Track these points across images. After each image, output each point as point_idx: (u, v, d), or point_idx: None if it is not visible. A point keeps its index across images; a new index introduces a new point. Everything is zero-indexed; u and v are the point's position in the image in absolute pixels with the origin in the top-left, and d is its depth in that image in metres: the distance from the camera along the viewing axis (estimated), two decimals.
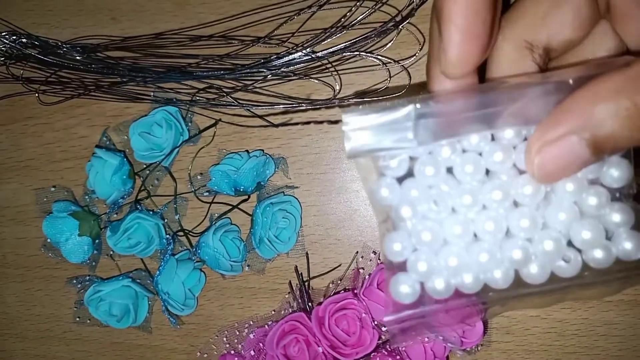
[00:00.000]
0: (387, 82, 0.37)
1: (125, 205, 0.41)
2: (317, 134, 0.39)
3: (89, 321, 0.42)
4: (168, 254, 0.39)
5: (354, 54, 0.37)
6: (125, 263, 0.42)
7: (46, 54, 0.40)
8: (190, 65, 0.39)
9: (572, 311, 0.38)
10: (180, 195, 0.41)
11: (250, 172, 0.38)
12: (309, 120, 0.39)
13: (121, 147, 0.41)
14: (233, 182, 0.38)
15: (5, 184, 0.43)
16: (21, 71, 0.41)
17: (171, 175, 0.41)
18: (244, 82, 0.39)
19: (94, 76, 0.40)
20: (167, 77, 0.39)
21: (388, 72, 0.37)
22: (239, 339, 0.40)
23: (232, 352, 0.40)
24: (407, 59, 0.37)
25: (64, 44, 0.40)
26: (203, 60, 0.39)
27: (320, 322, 0.36)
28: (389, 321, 0.24)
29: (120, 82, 0.40)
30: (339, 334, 0.36)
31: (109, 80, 0.40)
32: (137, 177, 0.41)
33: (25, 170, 0.43)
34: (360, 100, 0.38)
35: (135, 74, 0.39)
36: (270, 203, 0.38)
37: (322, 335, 0.36)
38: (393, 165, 0.23)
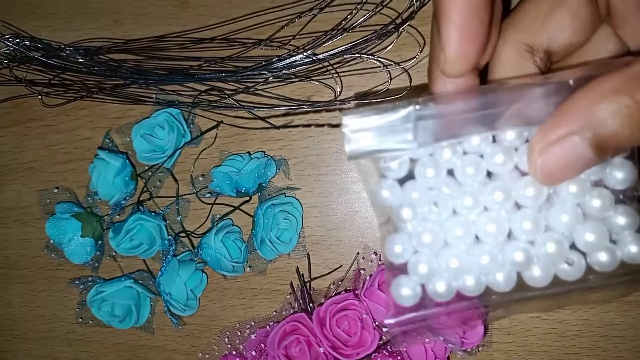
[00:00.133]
0: (388, 84, 0.38)
1: (128, 207, 0.41)
2: (318, 136, 0.39)
3: (91, 322, 0.42)
4: (170, 255, 0.39)
5: (354, 56, 0.37)
6: (127, 264, 0.42)
7: (49, 57, 0.40)
8: (192, 68, 0.39)
9: (573, 312, 0.38)
10: (182, 197, 0.41)
11: (252, 174, 0.38)
12: (310, 123, 0.39)
13: (124, 148, 0.41)
14: (235, 184, 0.38)
15: (9, 185, 0.44)
16: (24, 74, 0.41)
17: (173, 177, 0.41)
18: (245, 84, 0.39)
19: (96, 78, 0.41)
20: (169, 80, 0.39)
21: (389, 74, 0.38)
22: (240, 339, 0.40)
23: (234, 352, 0.40)
24: (407, 61, 0.37)
25: (67, 47, 0.40)
26: (205, 63, 0.39)
27: (321, 323, 0.37)
28: (390, 324, 0.23)
29: (122, 85, 0.40)
30: (340, 335, 0.36)
31: (112, 82, 0.40)
32: (139, 179, 0.41)
33: (28, 172, 0.43)
34: (361, 102, 0.38)
35: (137, 76, 0.39)
36: (271, 204, 0.38)
37: (323, 336, 0.36)
38: (394, 166, 0.23)
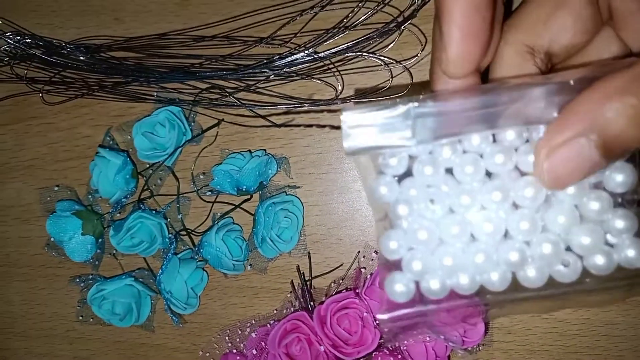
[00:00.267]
0: (389, 83, 0.38)
1: (129, 205, 0.41)
2: (319, 134, 0.39)
3: (92, 320, 0.42)
4: (171, 253, 0.39)
5: (356, 54, 0.37)
6: (128, 262, 0.42)
7: (50, 54, 0.40)
8: (193, 66, 0.39)
9: (574, 311, 0.38)
10: (183, 195, 0.41)
11: (253, 172, 0.38)
12: (312, 124, 0.39)
13: (124, 146, 0.41)
14: (235, 182, 0.38)
15: (10, 183, 0.44)
16: (25, 71, 0.41)
17: (174, 175, 0.41)
18: (246, 82, 0.39)
19: (97, 76, 0.41)
20: (170, 77, 0.39)
21: (390, 73, 0.37)
22: (241, 338, 0.40)
23: (235, 351, 0.40)
24: (409, 60, 0.37)
25: (68, 44, 0.40)
26: (206, 61, 0.39)
27: (322, 321, 0.37)
28: (383, 319, 0.23)
29: (123, 82, 0.40)
30: (341, 333, 0.36)
31: (113, 80, 0.40)
32: (140, 177, 0.41)
33: (29, 170, 0.43)
34: (362, 100, 0.38)
35: (138, 74, 0.39)
36: (272, 203, 0.38)
37: (323, 335, 0.36)
38: (392, 163, 0.23)
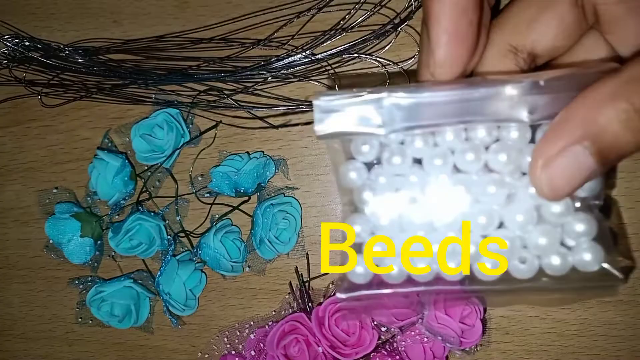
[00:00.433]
0: (386, 84, 0.38)
1: (127, 207, 0.41)
2: None
3: (91, 322, 0.42)
4: (169, 255, 0.40)
5: (353, 56, 0.37)
6: (126, 264, 0.42)
7: (49, 57, 0.40)
8: (191, 68, 0.39)
9: (572, 311, 0.38)
10: (182, 197, 0.41)
11: (251, 174, 0.38)
12: (309, 121, 0.39)
13: (123, 149, 0.41)
14: (234, 184, 0.38)
15: (9, 185, 0.44)
16: (24, 74, 0.42)
17: (172, 177, 0.41)
18: (244, 84, 0.39)
19: (96, 79, 0.41)
20: (168, 80, 0.39)
21: (387, 74, 0.38)
22: (239, 339, 0.40)
23: (233, 352, 0.40)
24: (406, 61, 0.37)
25: (66, 47, 0.40)
26: (204, 63, 0.39)
27: (320, 322, 0.37)
28: (341, 298, 0.24)
29: (122, 85, 0.40)
30: (339, 334, 0.36)
31: (111, 82, 0.40)
32: (138, 179, 0.41)
33: (28, 172, 0.43)
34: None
35: (136, 76, 0.39)
36: (270, 204, 0.38)
37: (322, 336, 0.36)
38: (364, 150, 0.23)
